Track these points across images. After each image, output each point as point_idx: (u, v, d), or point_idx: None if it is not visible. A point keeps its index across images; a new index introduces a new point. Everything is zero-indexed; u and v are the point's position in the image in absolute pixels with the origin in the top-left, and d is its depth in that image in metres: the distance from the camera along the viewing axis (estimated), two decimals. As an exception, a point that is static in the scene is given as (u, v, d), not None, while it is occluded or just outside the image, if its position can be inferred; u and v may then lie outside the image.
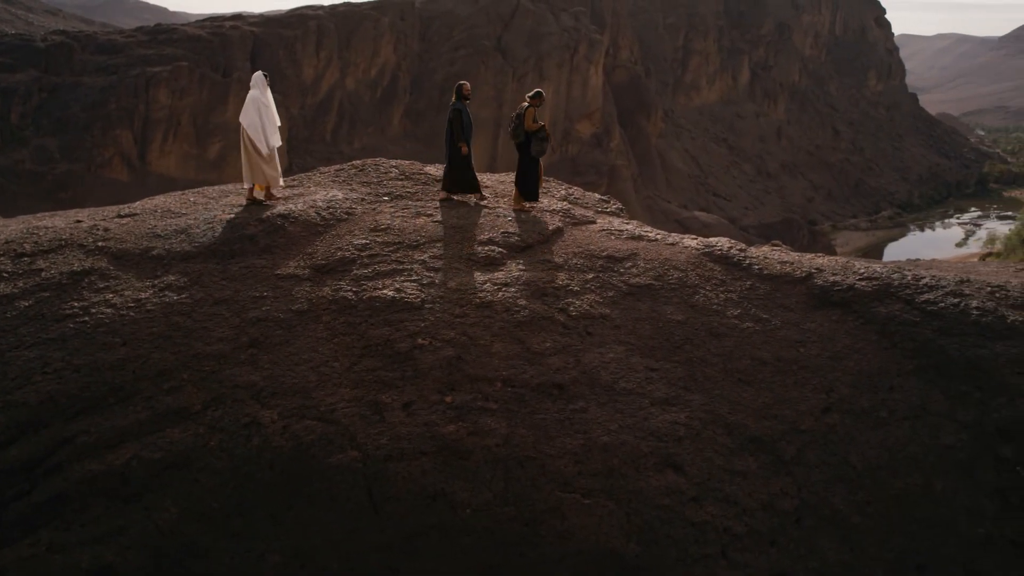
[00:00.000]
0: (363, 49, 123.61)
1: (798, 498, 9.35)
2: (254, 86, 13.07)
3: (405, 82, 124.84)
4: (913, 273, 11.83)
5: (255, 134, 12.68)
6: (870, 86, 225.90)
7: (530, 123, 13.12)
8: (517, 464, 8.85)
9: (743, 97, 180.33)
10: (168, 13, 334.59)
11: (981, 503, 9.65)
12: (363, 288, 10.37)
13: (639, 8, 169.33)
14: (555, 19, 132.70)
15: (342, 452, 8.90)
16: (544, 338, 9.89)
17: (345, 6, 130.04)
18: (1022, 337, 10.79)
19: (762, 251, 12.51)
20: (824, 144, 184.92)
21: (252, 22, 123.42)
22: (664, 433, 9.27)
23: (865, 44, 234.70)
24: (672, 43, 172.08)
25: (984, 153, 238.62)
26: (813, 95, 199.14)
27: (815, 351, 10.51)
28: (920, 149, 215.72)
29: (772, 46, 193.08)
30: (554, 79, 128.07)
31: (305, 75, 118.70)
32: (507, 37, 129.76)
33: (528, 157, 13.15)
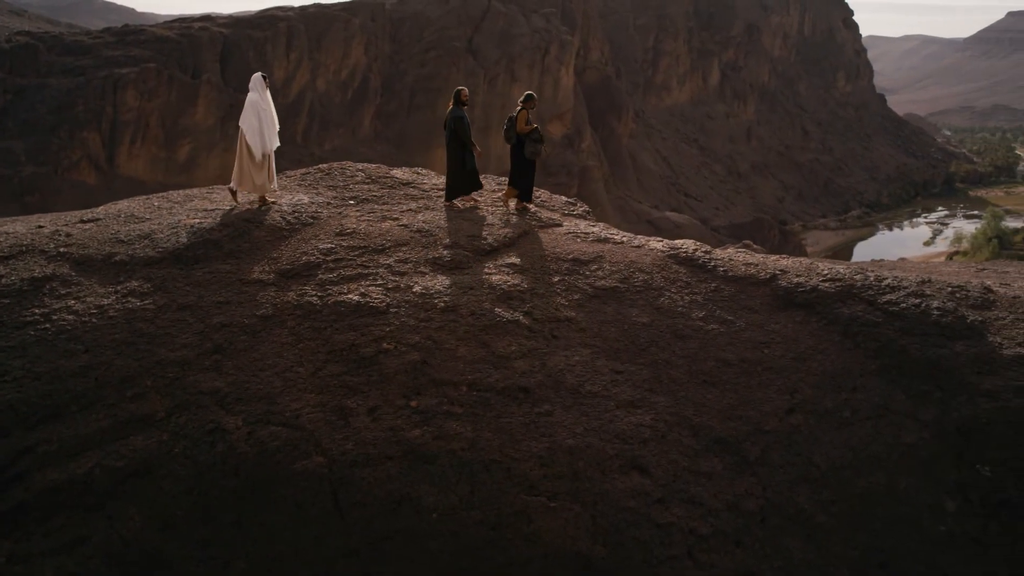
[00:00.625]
0: (333, 50, 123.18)
1: (763, 498, 9.41)
2: (253, 88, 12.97)
3: (376, 83, 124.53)
4: (875, 274, 11.96)
5: (252, 139, 12.56)
6: (839, 87, 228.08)
7: (522, 125, 13.33)
8: (483, 468, 8.85)
9: (713, 98, 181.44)
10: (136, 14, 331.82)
11: (942, 501, 9.76)
12: (328, 293, 10.34)
13: (609, 9, 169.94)
14: (526, 20, 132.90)
15: (307, 458, 8.86)
16: (509, 341, 9.91)
17: (315, 7, 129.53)
18: (981, 337, 10.93)
19: (727, 253, 12.59)
20: (794, 144, 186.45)
21: (221, 23, 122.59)
22: (629, 435, 9.31)
23: (833, 45, 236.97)
24: (642, 44, 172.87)
25: (951, 153, 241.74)
26: (782, 96, 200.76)
27: (779, 352, 10.59)
28: (888, 149, 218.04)
29: (742, 47, 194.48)
30: (525, 80, 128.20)
31: (275, 77, 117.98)
32: (478, 38, 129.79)
33: (522, 159, 13.34)
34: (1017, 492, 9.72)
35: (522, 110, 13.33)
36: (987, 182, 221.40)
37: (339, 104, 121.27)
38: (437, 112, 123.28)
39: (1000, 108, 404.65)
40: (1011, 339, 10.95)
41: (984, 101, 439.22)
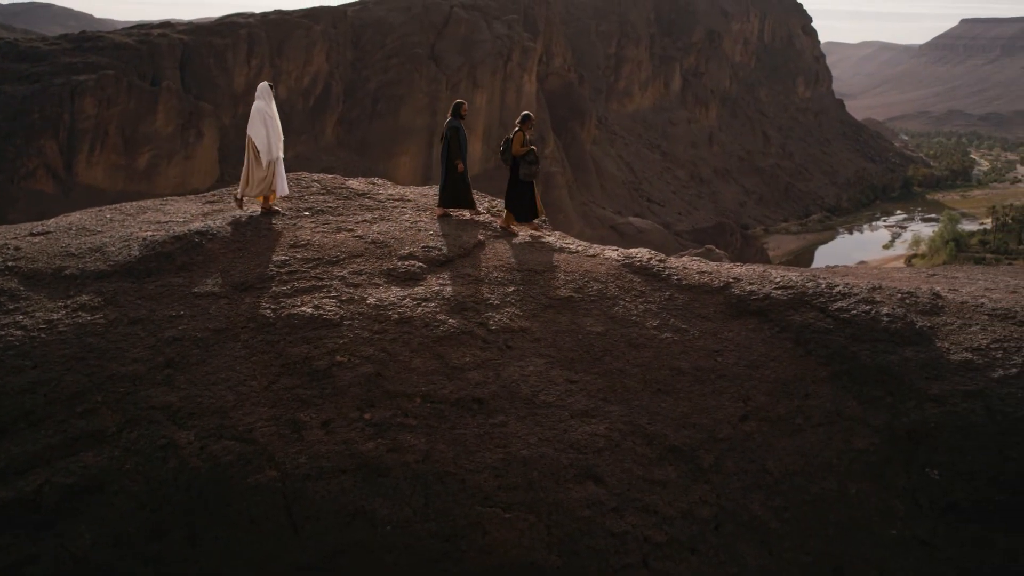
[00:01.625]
0: (295, 57, 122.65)
1: (717, 505, 9.49)
2: (259, 97, 13.16)
3: (338, 90, 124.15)
4: (827, 281, 12.11)
5: (262, 146, 12.75)
6: (798, 92, 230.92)
7: (518, 147, 13.21)
8: (437, 480, 8.85)
9: (675, 103, 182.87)
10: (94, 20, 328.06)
11: (892, 505, 9.89)
12: (282, 305, 10.29)
13: (572, 16, 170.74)
14: (488, 27, 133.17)
15: (260, 472, 8.81)
16: (464, 353, 9.92)
17: (276, 14, 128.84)
18: (930, 342, 11.11)
19: (681, 261, 12.70)
20: (755, 149, 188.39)
21: (181, 30, 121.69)
22: (584, 445, 9.35)
23: (793, 51, 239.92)
24: (605, 50, 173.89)
25: (908, 157, 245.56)
26: (743, 101, 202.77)
27: (732, 360, 10.69)
28: (847, 154, 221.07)
29: (703, 53, 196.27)
30: (488, 87, 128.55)
31: (236, 84, 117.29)
32: (440, 45, 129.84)
33: (518, 180, 13.26)
34: (965, 495, 9.89)
35: (518, 131, 13.23)
36: (943, 186, 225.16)
37: (301, 111, 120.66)
38: (400, 119, 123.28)
39: (955, 113, 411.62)
40: (958, 344, 11.13)
41: (939, 106, 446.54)
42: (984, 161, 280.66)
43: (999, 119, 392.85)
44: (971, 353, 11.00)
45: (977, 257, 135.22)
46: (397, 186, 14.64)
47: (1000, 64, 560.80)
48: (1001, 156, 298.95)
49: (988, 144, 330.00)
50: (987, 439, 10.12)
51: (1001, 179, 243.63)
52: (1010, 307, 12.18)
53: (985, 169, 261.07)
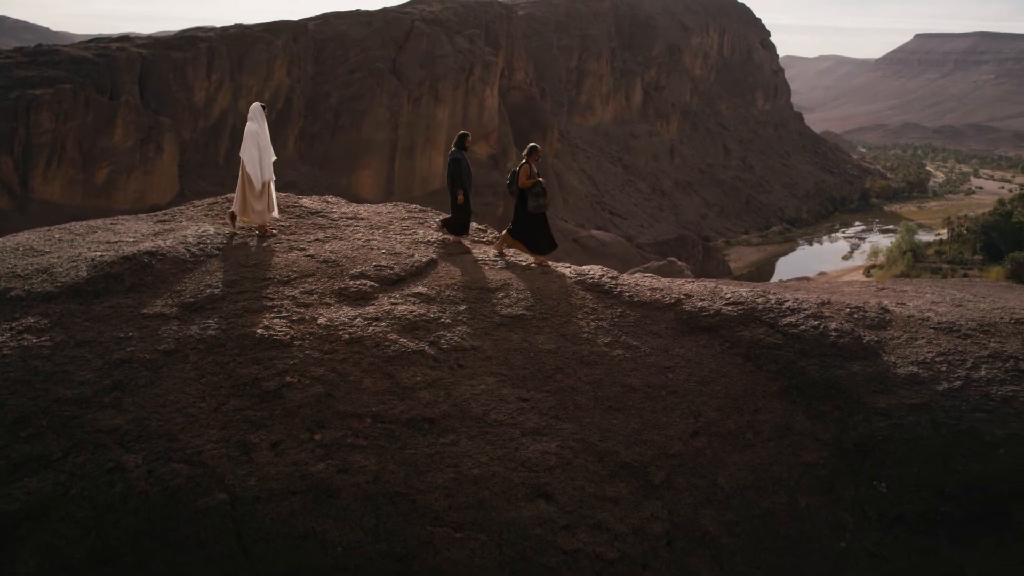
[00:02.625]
0: (256, 72, 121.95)
1: (669, 521, 9.55)
2: (252, 118, 13.13)
3: (299, 105, 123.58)
4: (777, 297, 12.27)
5: (252, 169, 12.75)
6: (758, 106, 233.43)
7: (524, 180, 13.09)
8: (388, 500, 8.83)
9: (636, 117, 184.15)
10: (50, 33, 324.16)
11: (841, 517, 10.01)
12: (232, 326, 10.22)
13: (533, 30, 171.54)
14: (449, 41, 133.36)
15: (210, 495, 8.74)
16: (414, 372, 9.91)
17: (237, 28, 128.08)
18: (877, 356, 11.29)
19: (633, 278, 12.79)
20: (716, 162, 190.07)
21: (140, 44, 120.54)
22: (535, 463, 9.38)
23: (752, 65, 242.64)
24: (566, 64, 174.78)
25: (866, 169, 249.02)
26: (704, 115, 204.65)
27: (683, 376, 10.78)
28: (807, 166, 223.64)
29: (663, 67, 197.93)
30: (449, 101, 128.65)
31: (196, 98, 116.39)
32: (402, 59, 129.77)
33: (527, 213, 13.14)
34: (911, 507, 10.04)
35: (525, 163, 13.16)
36: (900, 197, 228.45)
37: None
38: (362, 133, 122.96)
39: (911, 126, 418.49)
40: (904, 358, 11.32)
41: (896, 119, 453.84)
42: (939, 173, 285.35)
43: (953, 132, 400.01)
44: (917, 367, 11.20)
45: (934, 267, 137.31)
46: (351, 204, 14.61)
47: (953, 78, 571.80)
48: (955, 168, 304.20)
49: (943, 156, 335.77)
50: (932, 451, 10.30)
51: (956, 190, 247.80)
52: (955, 320, 12.42)
53: (940, 181, 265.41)
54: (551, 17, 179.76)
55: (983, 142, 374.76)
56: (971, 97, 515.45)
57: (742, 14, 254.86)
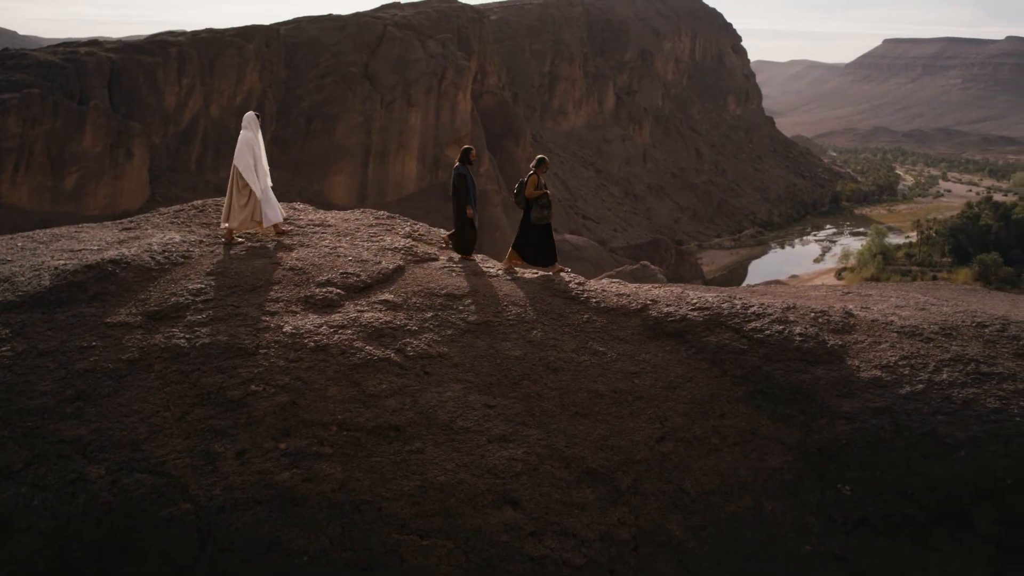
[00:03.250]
0: (227, 76, 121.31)
1: (635, 527, 9.58)
2: (246, 127, 13.11)
3: (272, 109, 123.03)
4: (742, 302, 12.36)
5: (249, 176, 12.76)
6: (730, 110, 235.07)
7: (531, 191, 13.16)
8: (354, 508, 8.81)
9: (609, 121, 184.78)
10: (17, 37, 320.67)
11: (807, 521, 10.09)
12: (196, 335, 10.16)
13: (505, 35, 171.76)
14: (422, 46, 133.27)
15: (174, 505, 8.68)
16: (380, 380, 9.89)
17: (207, 32, 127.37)
18: (841, 361, 11.40)
19: (600, 284, 12.84)
20: (688, 166, 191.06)
21: (109, 48, 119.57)
22: (501, 470, 9.39)
23: (723, 70, 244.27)
24: (539, 69, 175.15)
25: (836, 173, 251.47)
26: (676, 119, 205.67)
27: (649, 381, 10.83)
28: (778, 170, 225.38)
29: (635, 72, 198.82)
30: (422, 105, 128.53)
31: (167, 103, 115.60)
32: (374, 64, 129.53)
33: (531, 224, 13.27)
34: (875, 510, 10.14)
35: (533, 174, 13.20)
36: (871, 200, 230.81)
37: (234, 130, 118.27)
38: (335, 138, 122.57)
39: (880, 130, 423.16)
40: (868, 362, 11.44)
41: (865, 123, 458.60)
42: (908, 176, 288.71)
43: (922, 136, 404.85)
44: (880, 370, 11.32)
45: (903, 270, 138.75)
46: (318, 211, 14.56)
47: (922, 83, 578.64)
48: (924, 171, 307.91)
49: (912, 160, 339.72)
50: (895, 454, 10.41)
51: (925, 193, 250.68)
52: (918, 324, 12.56)
53: (910, 184, 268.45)
54: (523, 22, 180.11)
55: (951, 146, 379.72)
56: (939, 101, 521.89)
57: (713, 19, 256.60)
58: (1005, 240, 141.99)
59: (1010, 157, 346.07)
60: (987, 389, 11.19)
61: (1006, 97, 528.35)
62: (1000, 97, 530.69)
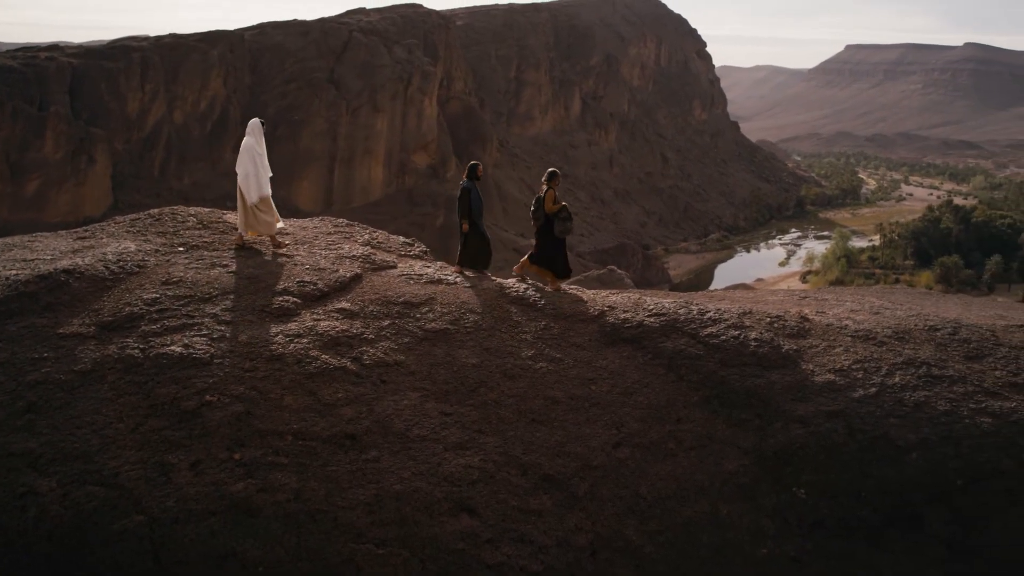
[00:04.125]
0: (191, 82, 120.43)
1: (592, 532, 9.62)
2: (250, 134, 13.16)
3: (236, 115, 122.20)
4: (699, 307, 12.46)
5: (245, 184, 12.84)
6: (695, 115, 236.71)
7: (550, 205, 13.35)
8: (309, 518, 8.78)
9: (575, 127, 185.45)
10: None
11: (762, 524, 10.18)
12: (151, 345, 10.07)
13: (471, 40, 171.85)
14: (388, 51, 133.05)
15: (127, 517, 8.59)
16: (336, 389, 9.86)
17: (171, 38, 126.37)
18: (796, 365, 11.53)
19: (557, 290, 12.89)
20: (654, 171, 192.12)
21: (70, 53, 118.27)
22: (458, 477, 9.39)
23: (689, 75, 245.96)
24: (505, 75, 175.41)
25: (801, 177, 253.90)
26: (642, 124, 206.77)
27: (606, 388, 10.89)
28: (743, 174, 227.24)
29: (601, 77, 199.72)
30: (388, 111, 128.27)
31: (129, 109, 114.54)
32: (340, 70, 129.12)
33: (552, 238, 13.46)
34: (830, 512, 10.26)
35: (549, 190, 13.40)
36: (834, 204, 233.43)
37: (198, 137, 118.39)
38: (300, 144, 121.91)
39: (843, 134, 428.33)
40: (822, 366, 11.58)
41: (829, 128, 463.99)
42: (871, 180, 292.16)
43: (884, 140, 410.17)
44: (834, 374, 11.46)
45: (867, 272, 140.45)
46: (280, 219, 14.46)
47: (883, 88, 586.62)
48: (887, 175, 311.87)
49: (874, 164, 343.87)
50: (848, 457, 10.55)
51: (887, 197, 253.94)
52: (872, 328, 12.74)
53: (872, 188, 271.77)
54: (489, 27, 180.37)
55: (912, 150, 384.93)
56: (900, 106, 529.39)
57: (678, 25, 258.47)
58: (965, 243, 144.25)
59: (970, 161, 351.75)
60: (938, 392, 11.37)
61: (965, 102, 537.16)
62: (960, 102, 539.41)
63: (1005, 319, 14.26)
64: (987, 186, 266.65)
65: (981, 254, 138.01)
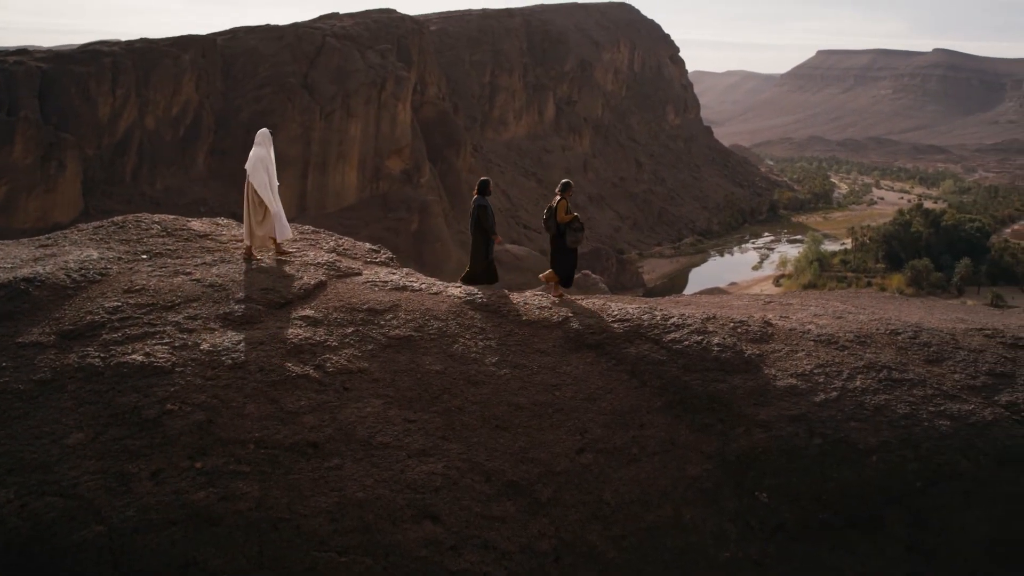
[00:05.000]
0: (163, 87, 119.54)
1: (556, 538, 9.65)
2: (259, 144, 13.30)
3: (209, 120, 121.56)
4: (663, 313, 12.55)
5: (264, 193, 12.88)
6: (668, 120, 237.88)
7: (563, 215, 13.53)
8: (271, 526, 8.75)
9: (549, 131, 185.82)
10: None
11: (725, 528, 10.26)
12: (112, 354, 10.01)
13: (445, 45, 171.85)
14: (361, 56, 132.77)
15: (86, 528, 8.53)
16: (299, 396, 9.84)
17: (142, 42, 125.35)
18: (758, 370, 11.64)
19: (523, 297, 12.93)
20: (628, 176, 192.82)
21: (40, 57, 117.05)
22: (421, 484, 9.40)
23: (662, 80, 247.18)
24: (479, 80, 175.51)
25: (773, 182, 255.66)
26: (616, 129, 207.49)
27: (570, 394, 10.94)
28: (717, 179, 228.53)
29: (575, 82, 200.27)
30: (362, 116, 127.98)
31: (101, 114, 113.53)
32: (313, 74, 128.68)
33: (564, 247, 13.69)
34: (791, 515, 10.36)
35: (561, 200, 13.56)
36: (807, 208, 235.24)
37: (170, 142, 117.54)
38: (274, 149, 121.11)
39: (815, 139, 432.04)
40: (784, 371, 11.70)
41: (801, 132, 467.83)
42: (843, 185, 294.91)
43: (855, 144, 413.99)
44: (796, 379, 11.58)
45: (839, 276, 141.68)
46: (242, 226, 14.40)
47: (854, 93, 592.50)
48: (858, 179, 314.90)
49: (846, 168, 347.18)
50: (810, 461, 10.65)
51: (859, 201, 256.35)
52: (834, 332, 12.87)
53: (844, 192, 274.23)
54: (463, 32, 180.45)
55: (883, 154, 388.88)
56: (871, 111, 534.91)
57: (651, 30, 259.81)
58: (935, 246, 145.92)
59: (939, 165, 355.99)
60: (898, 395, 11.52)
61: (934, 107, 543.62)
62: (929, 107, 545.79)
63: (966, 322, 14.46)
64: (956, 190, 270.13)
65: (951, 257, 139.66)
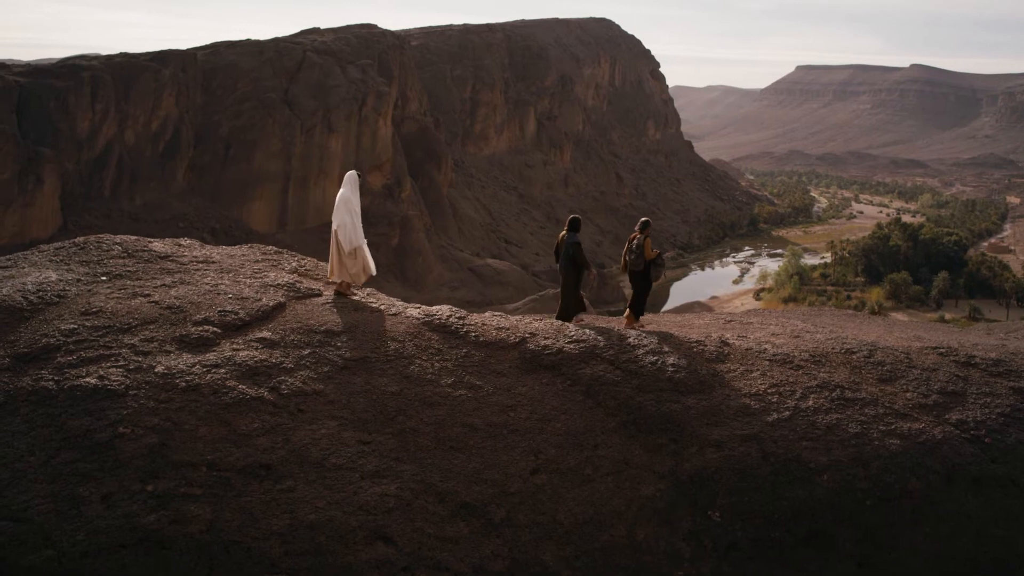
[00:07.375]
0: (143, 102, 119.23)
1: (509, 558, 9.73)
2: (346, 185, 13.74)
3: (188, 135, 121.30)
4: (619, 333, 12.67)
5: (343, 235, 13.31)
6: (649, 135, 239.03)
7: (650, 252, 14.30)
8: (222, 549, 8.78)
9: (530, 146, 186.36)
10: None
11: (679, 547, 10.36)
12: (65, 377, 10.02)
13: (426, 60, 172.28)
14: (342, 71, 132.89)
15: (36, 552, 8.54)
16: (253, 419, 9.88)
17: (122, 57, 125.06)
18: (712, 390, 11.78)
19: (481, 318, 13.00)
20: (609, 190, 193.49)
21: (18, 71, 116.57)
22: (374, 506, 9.46)
23: (643, 95, 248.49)
24: (460, 95, 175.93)
25: (754, 196, 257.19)
26: (597, 143, 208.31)
27: (525, 414, 11.03)
28: (697, 193, 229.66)
29: (556, 97, 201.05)
30: (343, 131, 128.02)
31: (80, 128, 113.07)
32: (294, 90, 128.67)
33: (645, 282, 14.43)
34: (744, 534, 10.48)
35: (646, 238, 14.31)
36: (787, 222, 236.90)
37: (150, 157, 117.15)
38: (254, 164, 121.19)
39: (795, 153, 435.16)
40: (738, 391, 11.84)
41: (781, 147, 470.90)
42: (823, 198, 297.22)
43: (834, 159, 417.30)
44: (749, 398, 11.72)
45: (819, 289, 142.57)
46: (205, 247, 14.43)
47: (833, 108, 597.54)
48: (838, 194, 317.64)
49: (826, 182, 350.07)
50: (762, 480, 10.79)
51: (838, 215, 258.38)
52: (789, 352, 13.04)
53: (824, 206, 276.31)
54: (444, 48, 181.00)
55: (862, 168, 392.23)
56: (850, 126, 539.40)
57: (632, 45, 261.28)
58: (914, 259, 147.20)
59: (917, 179, 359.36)
60: (850, 414, 11.68)
61: (912, 122, 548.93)
62: (907, 122, 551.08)
63: (922, 341, 14.67)
64: (934, 204, 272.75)
65: (929, 270, 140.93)
